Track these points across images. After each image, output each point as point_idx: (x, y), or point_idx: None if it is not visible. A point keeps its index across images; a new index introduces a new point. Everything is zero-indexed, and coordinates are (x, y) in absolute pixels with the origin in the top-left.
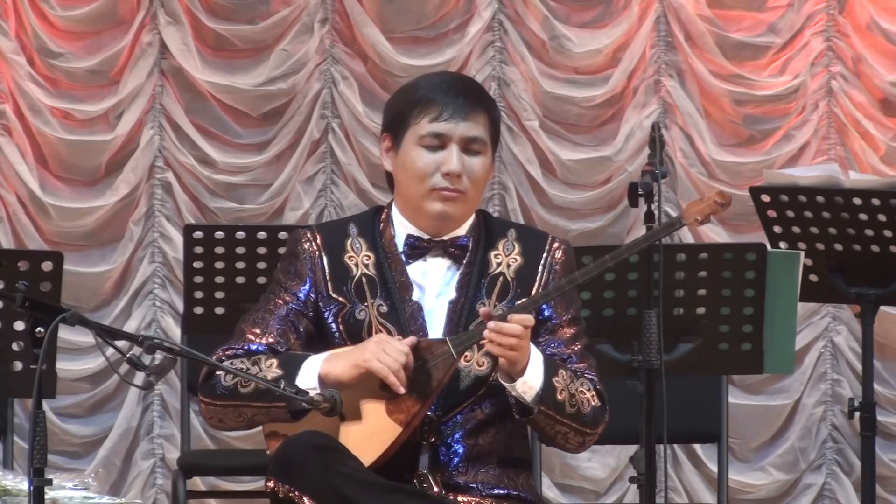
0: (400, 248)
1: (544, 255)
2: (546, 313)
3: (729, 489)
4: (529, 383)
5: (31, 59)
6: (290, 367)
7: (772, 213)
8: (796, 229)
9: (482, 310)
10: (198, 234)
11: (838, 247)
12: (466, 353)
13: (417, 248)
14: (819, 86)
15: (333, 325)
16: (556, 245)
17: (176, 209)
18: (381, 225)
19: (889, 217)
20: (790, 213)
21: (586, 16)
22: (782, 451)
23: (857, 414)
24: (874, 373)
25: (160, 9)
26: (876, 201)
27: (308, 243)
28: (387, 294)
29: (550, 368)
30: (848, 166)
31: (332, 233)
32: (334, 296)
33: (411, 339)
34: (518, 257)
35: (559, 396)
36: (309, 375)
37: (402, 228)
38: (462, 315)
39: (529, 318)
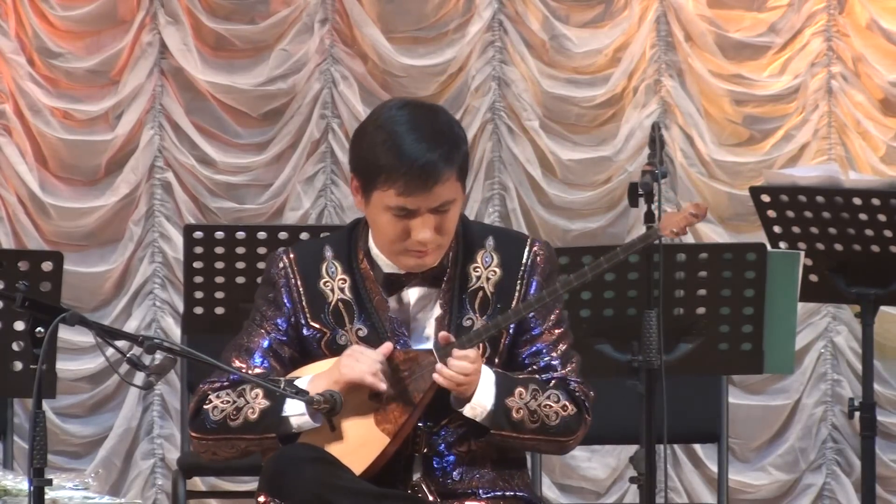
0: (376, 274)
1: (523, 262)
2: (525, 324)
3: (729, 489)
4: (479, 407)
5: (31, 59)
6: (277, 397)
7: (772, 213)
8: (796, 229)
9: (441, 333)
10: (198, 234)
11: (838, 247)
12: None
13: (395, 284)
14: (819, 86)
15: (319, 351)
16: (534, 249)
17: (176, 209)
18: (356, 247)
19: (889, 217)
20: (790, 213)
21: (586, 16)
22: (782, 451)
23: (857, 414)
24: (874, 373)
25: (160, 9)
26: (876, 201)
27: (284, 270)
28: (366, 316)
29: (504, 388)
30: (848, 166)
31: (308, 257)
32: (313, 324)
33: (387, 345)
34: (497, 269)
35: (515, 416)
36: (295, 402)
37: (379, 261)
38: (450, 331)
39: (474, 354)
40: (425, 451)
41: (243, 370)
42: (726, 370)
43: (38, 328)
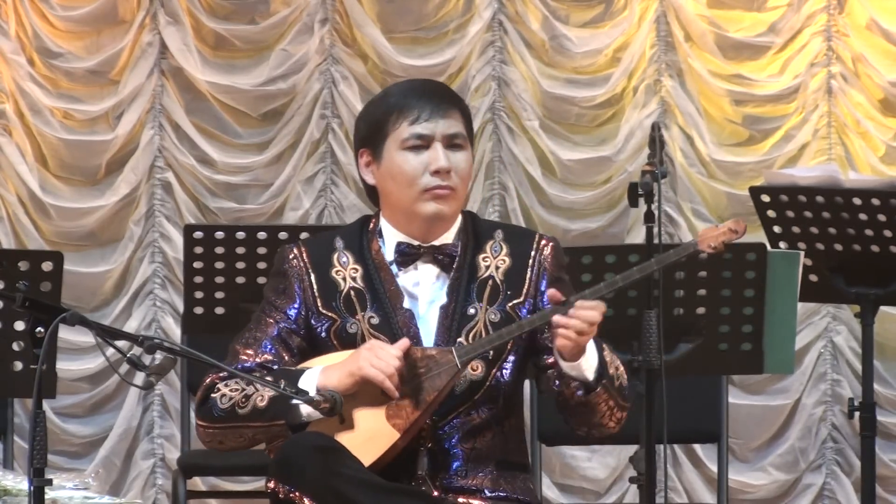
0: (389, 256)
1: (532, 253)
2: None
3: (729, 489)
4: (589, 361)
5: (31, 59)
6: (288, 384)
7: (772, 213)
8: (796, 229)
9: (550, 291)
10: (198, 234)
11: (838, 247)
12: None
13: (408, 255)
14: (819, 86)
15: (328, 340)
16: (543, 242)
17: (176, 209)
18: (369, 236)
19: (889, 217)
20: (790, 213)
21: (586, 16)
22: (782, 451)
23: (857, 414)
24: (874, 373)
25: (160, 9)
26: (876, 201)
27: (295, 260)
28: (378, 305)
29: (599, 343)
30: (848, 166)
31: (319, 248)
32: (324, 312)
33: (404, 341)
34: (506, 258)
35: (611, 370)
36: (307, 390)
37: (391, 237)
38: (454, 320)
39: (602, 305)
40: (430, 445)
41: (252, 358)
42: (726, 370)
43: (38, 328)
